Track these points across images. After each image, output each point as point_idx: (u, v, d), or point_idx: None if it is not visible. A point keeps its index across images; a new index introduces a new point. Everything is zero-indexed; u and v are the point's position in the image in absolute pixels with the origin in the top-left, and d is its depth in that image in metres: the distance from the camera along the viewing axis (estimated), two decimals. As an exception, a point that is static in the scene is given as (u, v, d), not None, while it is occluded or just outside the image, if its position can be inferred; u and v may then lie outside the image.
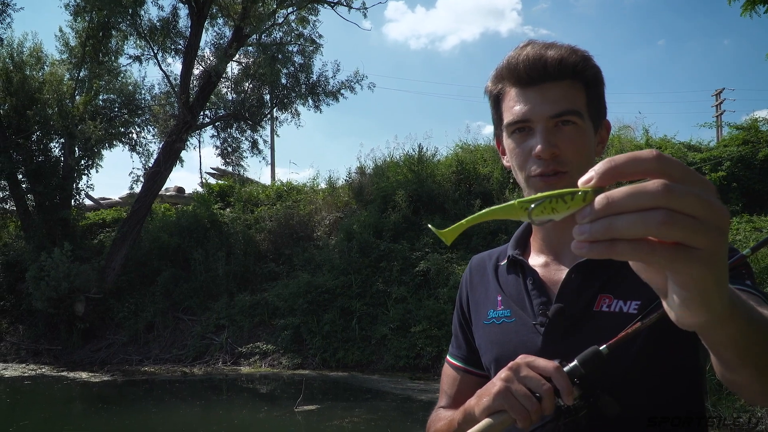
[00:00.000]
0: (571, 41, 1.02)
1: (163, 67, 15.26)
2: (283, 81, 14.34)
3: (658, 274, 0.47)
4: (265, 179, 19.79)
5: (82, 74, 13.88)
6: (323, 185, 14.99)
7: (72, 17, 13.41)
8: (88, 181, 18.26)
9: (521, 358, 0.85)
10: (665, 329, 0.82)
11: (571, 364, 0.82)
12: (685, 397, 0.93)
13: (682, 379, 0.93)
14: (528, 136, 0.98)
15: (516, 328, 1.02)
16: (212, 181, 17.99)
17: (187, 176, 68.89)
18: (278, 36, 14.12)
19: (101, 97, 14.45)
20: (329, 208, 13.68)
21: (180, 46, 13.73)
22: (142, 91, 14.83)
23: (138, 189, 13.87)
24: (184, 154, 14.58)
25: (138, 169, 14.93)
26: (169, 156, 13.23)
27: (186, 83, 13.15)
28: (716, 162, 10.56)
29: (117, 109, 14.60)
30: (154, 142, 15.07)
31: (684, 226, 0.41)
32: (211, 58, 14.01)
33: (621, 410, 0.84)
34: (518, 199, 0.50)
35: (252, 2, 12.78)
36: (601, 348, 0.81)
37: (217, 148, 15.70)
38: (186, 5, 13.08)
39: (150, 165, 13.94)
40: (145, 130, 15.01)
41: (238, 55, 13.88)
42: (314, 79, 14.38)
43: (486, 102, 1.08)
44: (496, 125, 1.08)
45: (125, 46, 14.28)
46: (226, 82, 15.06)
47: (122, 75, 14.61)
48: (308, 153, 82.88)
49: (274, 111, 15.51)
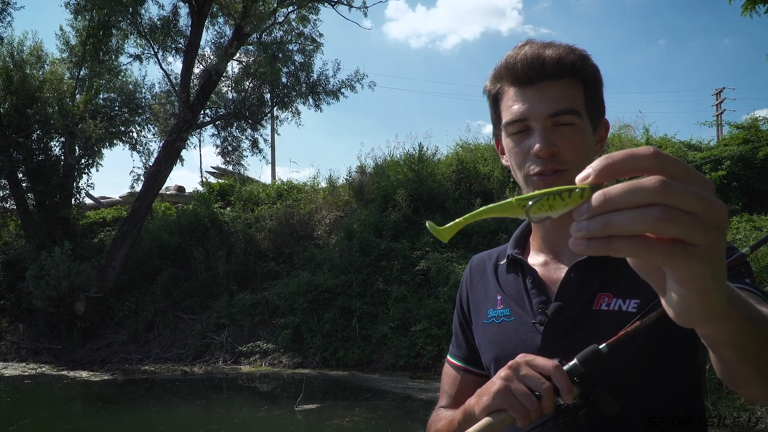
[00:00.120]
0: (572, 40, 1.02)
1: (164, 66, 15.28)
2: (284, 80, 14.34)
3: (657, 272, 0.47)
4: (266, 178, 19.82)
5: (82, 73, 13.88)
6: (323, 184, 14.99)
7: (72, 16, 13.41)
8: (88, 180, 18.21)
9: (521, 357, 0.85)
10: (665, 328, 0.82)
11: (571, 363, 0.82)
12: (684, 396, 0.93)
13: (681, 378, 0.92)
14: (526, 136, 0.98)
15: (515, 327, 1.02)
16: (212, 180, 17.99)
17: (187, 175, 69.17)
18: (279, 35, 14.13)
19: (102, 95, 14.46)
20: (329, 207, 13.68)
21: (180, 45, 13.73)
22: (143, 90, 14.87)
23: (138, 188, 13.88)
24: (184, 153, 14.62)
25: (138, 168, 14.93)
26: (170, 155, 13.24)
27: (186, 82, 13.15)
28: (716, 161, 10.55)
29: (117, 108, 14.60)
30: (155, 141, 15.11)
31: (682, 223, 0.41)
32: (212, 57, 14.00)
33: (620, 409, 0.84)
34: (516, 196, 0.50)
35: (252, 1, 12.78)
36: (600, 347, 0.81)
37: (218, 147, 15.74)
38: (186, 4, 13.08)
39: (150, 164, 13.95)
40: (146, 129, 15.05)
41: (238, 53, 13.87)
42: (315, 78, 14.38)
43: (486, 101, 1.09)
44: (494, 125, 1.08)
45: (126, 45, 14.31)
46: (227, 81, 15.08)
47: (123, 74, 14.63)
48: (308, 152, 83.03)
49: (274, 110, 15.51)
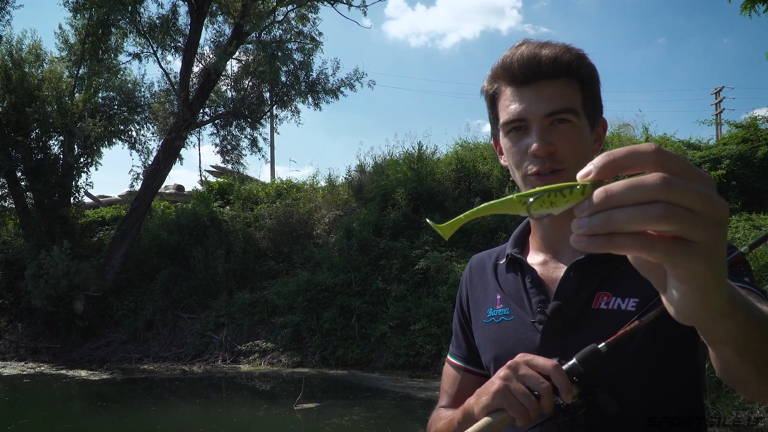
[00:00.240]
0: (571, 39, 1.02)
1: (163, 64, 15.29)
2: (283, 79, 14.32)
3: (657, 269, 0.47)
4: (265, 177, 19.82)
5: (81, 71, 13.85)
6: (323, 183, 14.99)
7: (71, 14, 13.39)
8: (87, 179, 18.21)
9: (520, 357, 0.85)
10: (664, 326, 0.82)
11: (570, 363, 0.82)
12: (684, 395, 0.93)
13: (681, 377, 0.92)
14: (524, 135, 0.98)
15: (515, 327, 1.02)
16: (212, 178, 17.99)
17: (186, 174, 69.16)
18: (278, 34, 14.11)
19: (101, 94, 14.43)
20: (329, 206, 13.68)
21: (179, 44, 13.71)
22: (142, 89, 14.83)
23: (137, 187, 13.86)
24: (183, 151, 14.62)
25: (137, 166, 14.94)
26: (169, 154, 13.22)
27: (185, 81, 13.14)
28: (715, 160, 10.56)
29: (116, 107, 14.57)
30: (154, 140, 15.07)
31: (683, 220, 0.41)
32: (211, 56, 13.99)
33: (620, 408, 0.84)
34: (517, 193, 0.49)
35: (252, 0, 12.77)
36: (599, 346, 0.81)
37: (217, 145, 15.72)
38: (185, 3, 13.07)
39: (149, 163, 13.95)
40: (145, 128, 15.01)
41: (237, 52, 13.85)
42: (314, 76, 14.37)
43: (484, 101, 1.09)
44: (492, 125, 1.08)
45: (125, 44, 14.29)
46: (226, 80, 15.05)
47: (122, 72, 14.61)
48: (308, 151, 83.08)
49: (273, 109, 15.50)
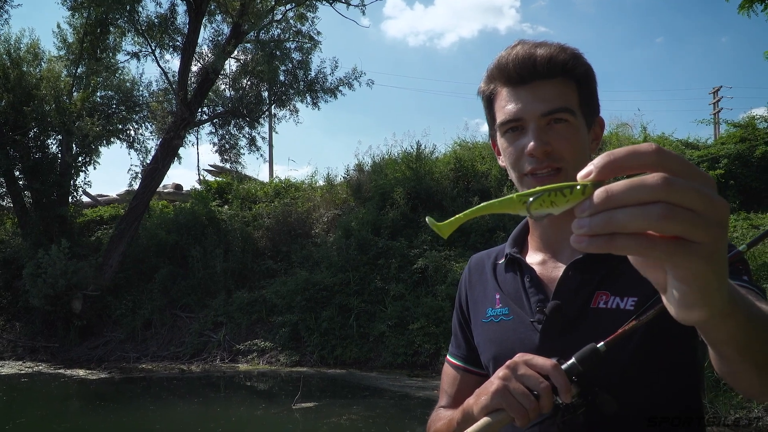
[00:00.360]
0: (570, 39, 1.04)
1: (161, 63, 15.29)
2: (281, 78, 14.31)
3: (658, 269, 0.47)
4: (263, 176, 19.82)
5: (79, 71, 13.82)
6: (321, 182, 14.99)
7: (70, 13, 13.35)
8: (85, 178, 18.27)
9: (519, 357, 0.85)
10: (663, 326, 0.82)
11: (569, 362, 0.81)
12: (683, 394, 0.93)
13: (680, 376, 0.93)
14: (521, 135, 0.98)
15: (514, 326, 1.02)
16: (210, 178, 17.98)
17: (185, 173, 69.04)
18: (276, 33, 14.09)
19: (99, 93, 14.39)
20: (327, 206, 13.68)
21: (178, 43, 13.68)
22: (140, 88, 14.79)
23: (136, 186, 13.84)
24: (182, 151, 14.57)
25: (136, 166, 14.88)
26: (167, 153, 13.21)
27: (184, 80, 13.11)
28: (713, 159, 10.57)
29: (115, 106, 14.54)
30: (152, 139, 15.10)
31: (684, 220, 0.41)
32: (209, 55, 13.97)
33: (619, 407, 0.84)
34: (517, 192, 0.49)
35: (250, -1, 12.75)
36: (598, 345, 0.81)
37: (215, 145, 15.68)
38: (184, 2, 13.05)
39: (148, 162, 13.91)
40: (143, 127, 14.98)
41: (236, 51, 13.84)
42: (312, 76, 14.35)
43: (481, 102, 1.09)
44: (490, 125, 1.09)
45: (123, 43, 14.25)
46: (224, 79, 15.02)
47: (120, 71, 14.56)
48: (306, 150, 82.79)
49: (272, 108, 15.49)
